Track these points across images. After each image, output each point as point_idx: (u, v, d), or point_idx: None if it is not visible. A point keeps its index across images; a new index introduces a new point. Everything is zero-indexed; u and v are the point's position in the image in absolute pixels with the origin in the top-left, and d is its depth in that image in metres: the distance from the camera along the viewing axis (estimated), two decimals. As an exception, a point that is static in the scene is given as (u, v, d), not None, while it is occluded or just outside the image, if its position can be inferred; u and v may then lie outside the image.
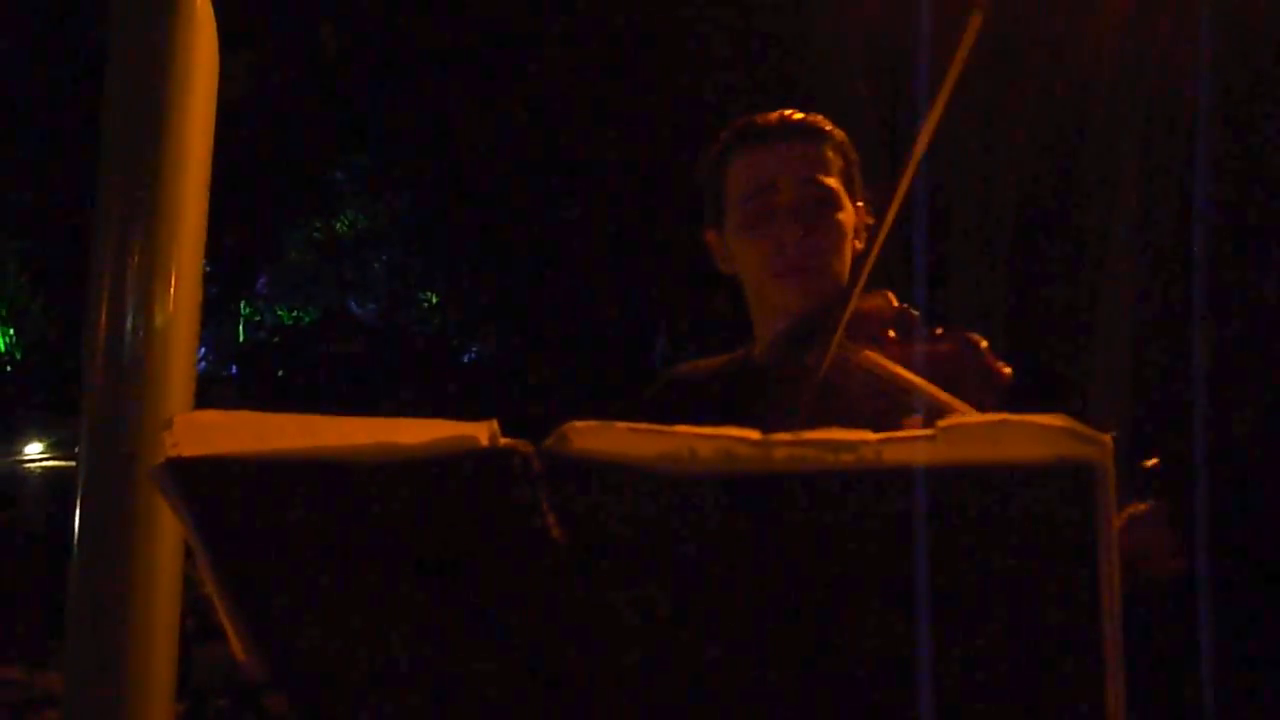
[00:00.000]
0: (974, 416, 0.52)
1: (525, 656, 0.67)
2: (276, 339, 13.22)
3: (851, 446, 0.53)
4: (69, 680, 1.90)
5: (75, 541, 1.85)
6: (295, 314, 15.31)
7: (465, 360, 12.06)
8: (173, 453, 0.71)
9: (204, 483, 0.71)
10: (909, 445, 0.53)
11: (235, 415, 0.70)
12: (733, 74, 7.16)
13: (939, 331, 1.21)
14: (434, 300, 13.47)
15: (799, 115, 1.32)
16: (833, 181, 1.30)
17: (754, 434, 0.55)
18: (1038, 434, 0.51)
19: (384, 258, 13.59)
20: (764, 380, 1.26)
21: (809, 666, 0.60)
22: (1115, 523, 0.52)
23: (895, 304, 1.25)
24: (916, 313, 1.25)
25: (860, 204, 1.34)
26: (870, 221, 1.33)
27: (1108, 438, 0.51)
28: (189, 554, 1.97)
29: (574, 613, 0.64)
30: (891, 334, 1.20)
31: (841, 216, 1.30)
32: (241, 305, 14.66)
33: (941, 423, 0.52)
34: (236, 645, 0.78)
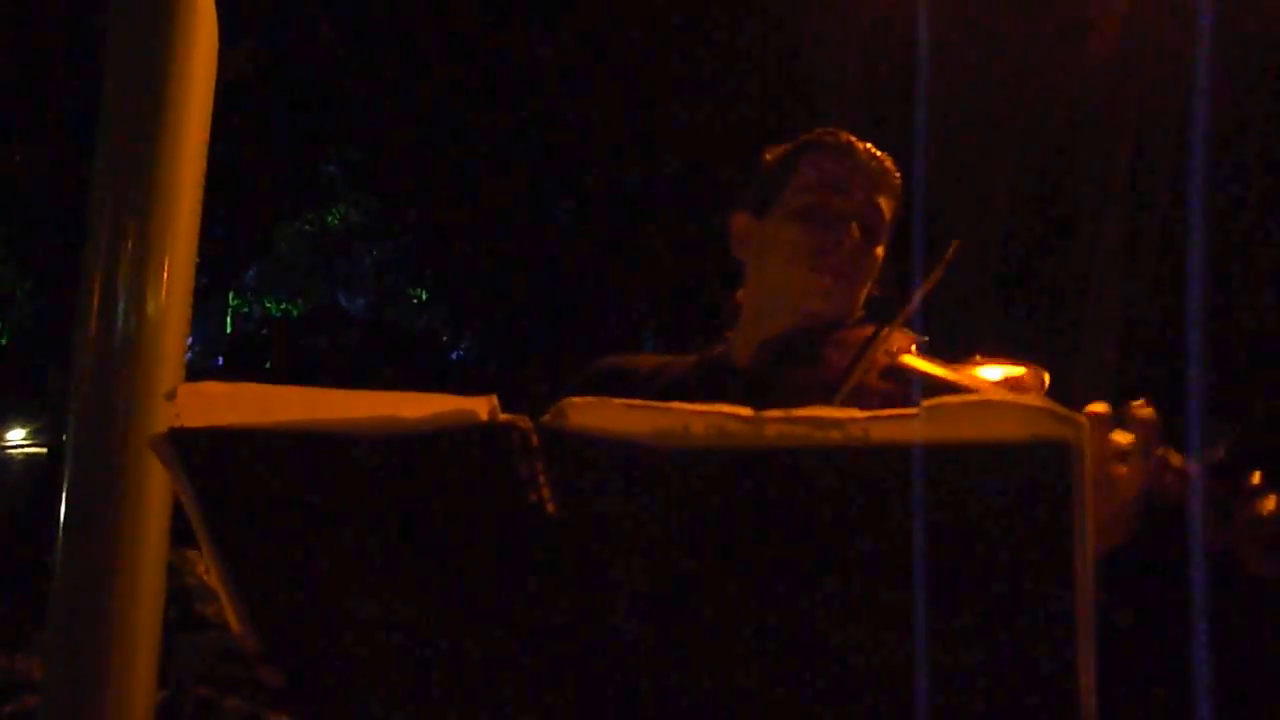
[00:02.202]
0: (958, 397, 0.54)
1: (519, 630, 0.69)
2: (264, 331, 13.18)
3: (839, 424, 0.55)
4: (49, 666, 1.90)
5: (60, 527, 1.85)
6: (284, 307, 15.27)
7: (453, 357, 12.06)
8: (176, 423, 0.72)
9: (206, 453, 0.73)
10: (895, 424, 0.55)
11: (238, 387, 0.71)
12: (726, 82, 7.19)
13: (978, 358, 1.18)
14: (423, 297, 13.46)
15: (881, 153, 1.36)
16: (885, 220, 1.33)
17: (746, 411, 0.57)
18: (1018, 414, 0.53)
19: (374, 252, 13.57)
20: (740, 381, 1.26)
21: (798, 639, 0.61)
22: (1090, 502, 0.54)
23: (912, 336, 1.23)
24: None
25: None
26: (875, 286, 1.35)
27: (1083, 419, 0.53)
28: (173, 543, 1.98)
29: (568, 587, 0.66)
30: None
31: (878, 252, 1.33)
32: (230, 297, 14.61)
33: (926, 402, 0.54)
34: (231, 616, 0.80)
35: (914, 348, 1.18)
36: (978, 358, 1.17)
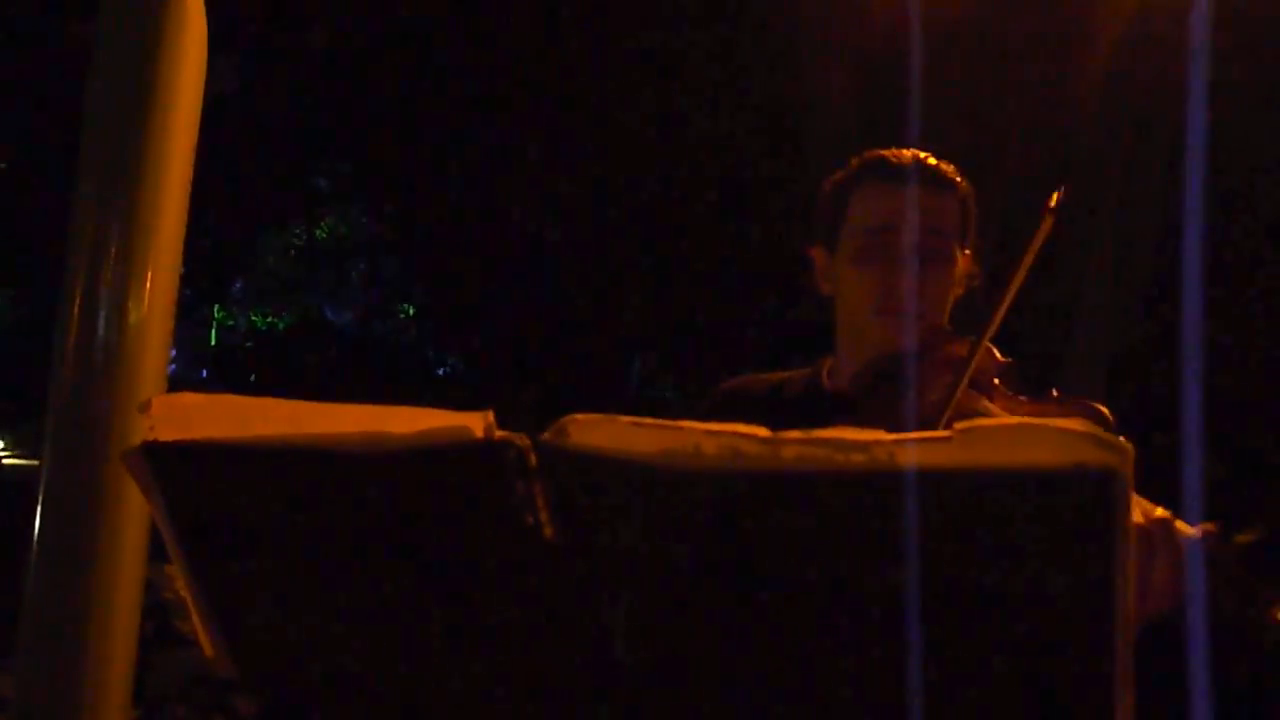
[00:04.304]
0: (995, 420, 0.51)
1: (512, 659, 0.65)
2: (249, 344, 13.11)
3: (863, 447, 0.52)
4: (22, 682, 1.85)
5: (35, 541, 1.81)
6: (269, 319, 15.17)
7: (441, 373, 12.00)
8: (149, 436, 0.68)
9: (181, 469, 0.68)
10: (924, 447, 0.51)
11: (217, 399, 0.68)
12: (722, 96, 7.21)
13: (1055, 393, 1.20)
14: (410, 312, 13.40)
15: (932, 161, 1.36)
16: (949, 229, 1.34)
17: (763, 431, 0.54)
18: (1058, 439, 0.49)
19: (362, 266, 13.53)
20: (841, 407, 1.27)
21: (812, 675, 0.58)
22: (1134, 533, 0.51)
23: (999, 357, 1.25)
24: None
25: (968, 252, 1.38)
26: (975, 271, 1.39)
27: (1128, 444, 0.50)
28: (151, 557, 1.93)
29: (562, 613, 0.62)
30: (997, 382, 1.21)
31: (950, 269, 1.34)
32: (215, 309, 14.52)
33: (959, 425, 0.51)
34: (206, 641, 0.75)
35: (997, 380, 1.19)
36: (1054, 393, 1.19)
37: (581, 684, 0.63)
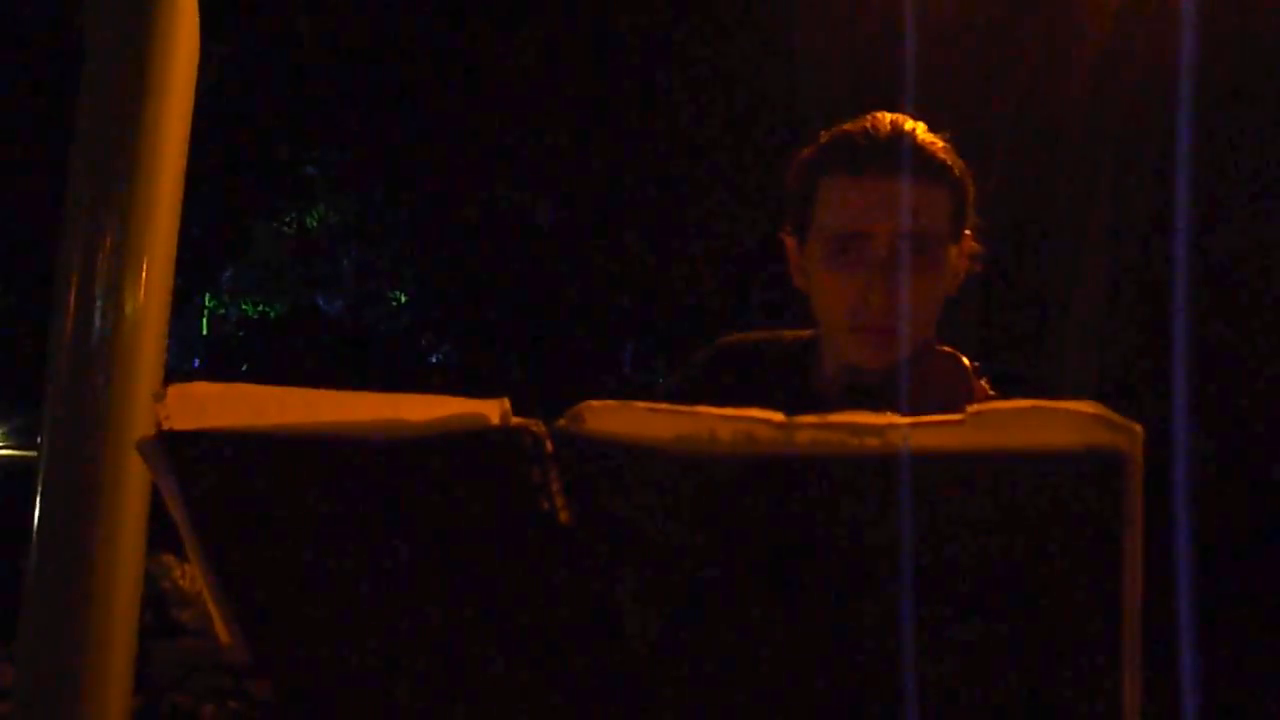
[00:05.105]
0: (1008, 403, 0.52)
1: (529, 644, 0.66)
2: (241, 333, 13.10)
3: (878, 431, 0.52)
4: (22, 672, 1.85)
5: (34, 532, 1.81)
6: (261, 308, 15.14)
7: (433, 360, 12.01)
8: (165, 426, 0.69)
9: (196, 458, 0.69)
10: (937, 430, 0.52)
11: (231, 388, 0.68)
12: (711, 86, 7.20)
13: None
14: (402, 299, 13.39)
15: (920, 134, 1.14)
16: (936, 227, 1.14)
17: (777, 416, 0.55)
18: (1068, 421, 0.50)
19: (353, 254, 13.51)
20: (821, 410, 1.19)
21: (824, 655, 0.59)
22: (1140, 516, 0.52)
23: (974, 381, 1.14)
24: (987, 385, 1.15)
25: (968, 232, 1.21)
26: (978, 250, 1.22)
27: (1138, 426, 0.50)
28: (149, 547, 1.93)
29: (578, 599, 0.63)
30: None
31: (936, 270, 1.15)
32: (206, 298, 14.49)
33: (971, 407, 0.52)
34: (220, 628, 0.76)
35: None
36: None
37: (595, 668, 0.64)
